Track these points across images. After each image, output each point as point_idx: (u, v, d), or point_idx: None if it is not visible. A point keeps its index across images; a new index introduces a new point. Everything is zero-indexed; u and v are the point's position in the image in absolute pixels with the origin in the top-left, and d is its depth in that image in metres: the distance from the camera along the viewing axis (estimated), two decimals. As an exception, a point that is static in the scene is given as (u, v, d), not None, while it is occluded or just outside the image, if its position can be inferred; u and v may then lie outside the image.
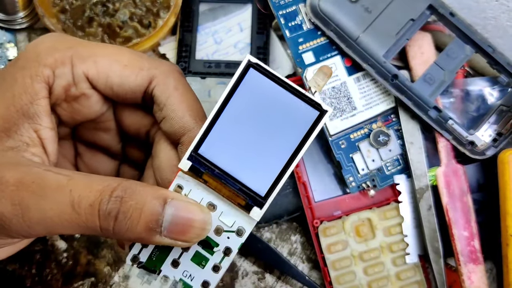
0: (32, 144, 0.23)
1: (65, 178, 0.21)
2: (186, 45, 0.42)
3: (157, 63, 0.26)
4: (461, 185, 0.37)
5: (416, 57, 0.38)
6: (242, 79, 0.22)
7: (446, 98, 0.39)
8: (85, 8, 0.42)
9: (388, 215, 0.39)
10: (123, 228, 0.21)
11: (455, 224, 0.36)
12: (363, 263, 0.39)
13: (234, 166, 0.23)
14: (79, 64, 0.24)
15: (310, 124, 0.22)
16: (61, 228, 0.21)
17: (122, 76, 0.25)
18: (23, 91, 0.23)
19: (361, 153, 0.39)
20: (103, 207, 0.20)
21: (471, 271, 0.36)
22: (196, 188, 0.23)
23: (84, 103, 0.26)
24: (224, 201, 0.23)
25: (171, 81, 0.25)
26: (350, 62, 0.39)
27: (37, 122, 0.23)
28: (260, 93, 0.22)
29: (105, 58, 0.25)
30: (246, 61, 0.22)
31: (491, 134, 0.38)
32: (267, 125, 0.22)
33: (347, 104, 0.38)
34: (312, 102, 0.22)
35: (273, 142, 0.22)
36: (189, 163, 0.22)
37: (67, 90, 0.25)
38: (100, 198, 0.20)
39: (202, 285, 0.24)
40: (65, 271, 0.41)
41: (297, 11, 0.39)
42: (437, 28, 0.39)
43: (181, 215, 0.21)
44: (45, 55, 0.24)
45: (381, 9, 0.37)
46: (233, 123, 0.22)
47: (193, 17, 0.43)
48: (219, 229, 0.23)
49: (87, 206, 0.20)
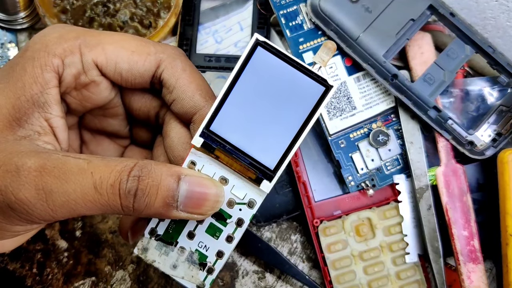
0: (43, 132, 0.24)
1: (84, 161, 0.22)
2: (187, 39, 0.42)
3: (163, 47, 0.26)
4: (461, 185, 0.37)
5: (416, 57, 0.38)
6: (250, 57, 0.23)
7: (446, 98, 0.39)
8: (86, 8, 0.42)
9: (388, 214, 0.39)
10: (142, 205, 0.22)
11: (455, 223, 0.36)
12: (363, 263, 0.39)
13: (244, 141, 0.24)
14: (87, 52, 0.25)
15: (317, 99, 0.23)
16: (85, 209, 0.22)
17: (130, 62, 0.25)
18: (33, 81, 0.24)
19: (360, 153, 0.39)
20: (123, 186, 0.21)
21: (471, 271, 0.36)
22: (209, 164, 0.24)
23: (93, 90, 0.26)
24: (235, 175, 0.24)
25: (179, 64, 0.26)
26: (350, 61, 0.39)
27: (48, 111, 0.24)
28: (268, 70, 0.23)
29: (113, 45, 0.25)
30: (254, 40, 0.23)
31: (490, 134, 0.38)
32: (275, 101, 0.23)
33: (347, 103, 0.39)
34: (318, 78, 0.23)
35: (281, 117, 0.23)
36: (201, 140, 0.24)
37: (77, 78, 0.25)
38: (120, 178, 0.21)
39: (217, 254, 0.25)
40: (66, 270, 0.41)
41: (298, 11, 0.39)
42: (437, 28, 0.39)
43: (195, 189, 0.23)
44: (53, 45, 0.24)
45: (381, 9, 0.37)
46: (242, 100, 0.23)
47: (194, 12, 0.43)
48: (232, 201, 0.25)
49: (108, 186, 0.21)
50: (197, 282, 0.25)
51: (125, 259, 0.41)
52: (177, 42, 0.42)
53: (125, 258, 0.41)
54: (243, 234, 0.25)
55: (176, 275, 0.25)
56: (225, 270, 0.41)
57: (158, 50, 0.26)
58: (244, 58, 0.23)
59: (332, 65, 0.39)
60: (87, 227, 0.42)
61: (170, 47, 0.27)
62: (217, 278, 0.41)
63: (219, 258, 0.25)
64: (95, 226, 0.42)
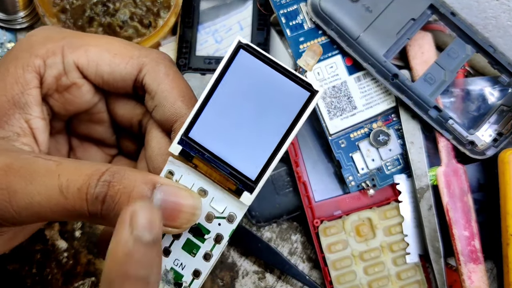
0: (22, 134, 0.23)
1: (54, 163, 0.21)
2: (187, 41, 0.42)
3: (147, 51, 0.26)
4: (462, 185, 0.37)
5: (417, 57, 0.38)
6: (232, 61, 0.22)
7: (447, 97, 0.39)
8: (86, 8, 0.42)
9: (389, 214, 0.39)
10: (111, 213, 0.20)
11: (456, 223, 0.36)
12: (363, 263, 0.39)
13: (225, 149, 0.22)
14: (69, 54, 0.24)
15: (301, 105, 0.22)
16: (50, 213, 0.20)
17: (112, 65, 0.25)
18: (15, 81, 0.23)
19: (361, 153, 0.39)
20: (90, 191, 0.20)
21: (472, 271, 0.36)
22: (187, 174, 0.23)
23: (75, 93, 0.26)
24: (215, 187, 0.23)
25: (162, 68, 0.25)
26: (351, 61, 0.39)
27: (28, 112, 0.24)
28: (251, 74, 0.22)
29: (96, 47, 0.25)
30: (236, 42, 0.22)
31: (491, 134, 0.38)
32: (258, 107, 0.22)
33: (347, 103, 0.38)
34: (303, 83, 0.22)
35: (264, 124, 0.22)
36: (179, 147, 0.22)
37: (58, 80, 0.25)
38: (88, 182, 0.20)
39: (193, 274, 0.24)
40: (65, 270, 0.41)
41: (298, 10, 0.39)
42: (437, 27, 0.39)
43: (171, 200, 0.21)
44: (37, 45, 0.24)
45: (381, 8, 0.37)
46: (223, 105, 0.22)
47: (193, 13, 0.43)
48: (210, 215, 0.23)
49: (75, 190, 0.20)
50: None
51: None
52: (176, 43, 0.42)
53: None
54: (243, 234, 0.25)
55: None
56: (225, 270, 0.41)
57: (142, 54, 0.25)
58: (226, 61, 0.22)
59: (332, 65, 0.39)
60: (87, 227, 0.42)
61: (155, 51, 0.26)
62: (217, 278, 0.41)
63: (195, 277, 0.23)
64: (95, 227, 0.42)
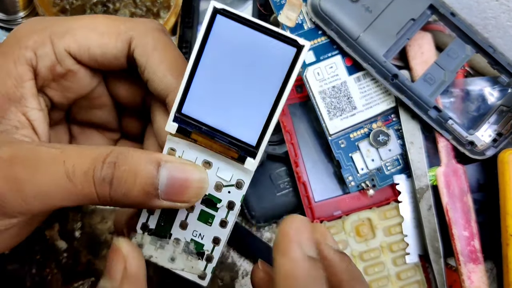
0: (21, 126, 0.23)
1: (57, 150, 0.21)
2: (186, 41, 0.42)
3: (134, 23, 0.25)
4: (461, 185, 0.37)
5: (417, 57, 0.38)
6: (210, 28, 0.21)
7: (446, 98, 0.39)
8: (86, 8, 0.42)
9: (388, 215, 0.39)
10: (120, 193, 0.20)
11: (455, 224, 0.36)
12: (363, 263, 0.39)
13: (221, 120, 0.22)
14: (58, 42, 0.24)
15: (289, 62, 0.21)
16: (59, 200, 0.21)
17: (101, 46, 0.24)
18: (7, 76, 0.23)
19: (360, 153, 0.39)
20: (97, 174, 0.20)
21: (471, 271, 0.36)
22: (189, 149, 0.23)
23: (72, 80, 0.25)
24: (218, 157, 0.23)
25: (149, 41, 0.25)
26: (351, 61, 0.39)
27: (24, 104, 0.23)
28: (233, 39, 0.21)
29: (82, 30, 0.24)
30: (211, 8, 0.20)
31: (491, 134, 0.38)
32: (246, 71, 0.21)
33: (347, 103, 0.38)
34: (287, 39, 0.21)
35: (255, 88, 0.22)
36: (175, 125, 0.22)
37: (52, 70, 0.24)
38: (94, 165, 0.20)
39: (213, 241, 0.24)
40: (65, 270, 0.41)
41: (298, 11, 0.39)
42: (437, 28, 0.39)
43: (177, 176, 0.21)
44: (24, 38, 0.24)
45: (381, 8, 0.37)
46: (211, 75, 0.21)
47: (193, 13, 0.43)
48: (219, 185, 0.23)
49: (81, 174, 0.20)
50: (198, 272, 0.24)
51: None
52: (176, 43, 0.42)
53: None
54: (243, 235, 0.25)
55: (176, 267, 0.24)
56: (225, 271, 0.41)
57: (129, 27, 0.25)
58: (205, 30, 0.21)
59: (332, 65, 0.39)
60: (87, 227, 0.42)
61: (142, 21, 0.25)
62: (217, 279, 0.41)
63: (216, 244, 0.24)
64: (95, 227, 0.42)
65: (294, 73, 0.21)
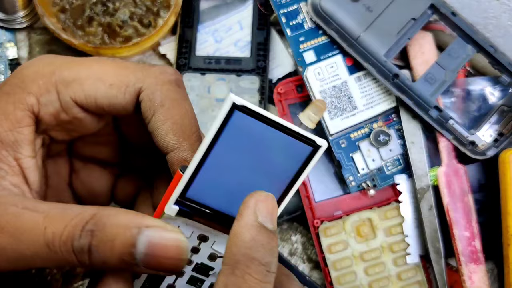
0: (11, 172, 0.23)
1: (40, 216, 0.21)
2: (187, 41, 0.42)
3: (145, 74, 0.24)
4: (462, 185, 0.37)
5: (417, 57, 0.38)
6: (227, 122, 0.20)
7: (447, 97, 0.39)
8: (85, 8, 0.42)
9: (389, 215, 0.39)
10: (99, 262, 0.20)
11: (456, 224, 0.36)
12: (364, 263, 0.39)
13: (226, 204, 0.21)
14: (64, 90, 0.23)
15: (304, 159, 0.21)
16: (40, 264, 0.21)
17: (109, 97, 0.24)
18: (4, 117, 0.23)
19: (361, 153, 0.39)
20: (75, 243, 0.20)
21: (472, 271, 0.36)
22: (185, 225, 0.22)
23: (78, 124, 0.25)
24: (215, 232, 0.22)
25: (157, 96, 0.24)
26: (351, 61, 0.39)
27: (18, 150, 0.23)
28: (249, 133, 0.20)
29: (90, 79, 0.24)
30: (230, 103, 0.19)
31: (492, 134, 0.37)
32: (259, 163, 0.21)
33: (348, 103, 0.38)
34: (305, 139, 0.21)
35: (265, 179, 0.21)
36: (176, 208, 0.21)
37: (56, 117, 0.24)
38: (73, 234, 0.20)
39: None
40: (65, 271, 0.41)
41: (298, 10, 0.39)
42: (438, 27, 0.39)
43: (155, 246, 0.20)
44: (29, 81, 0.23)
45: (382, 8, 0.37)
46: (221, 164, 0.21)
47: (193, 13, 0.42)
48: (213, 255, 0.23)
49: (61, 243, 0.20)
50: None
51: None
52: (176, 43, 0.42)
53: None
54: None
55: None
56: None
57: (139, 79, 0.24)
58: (220, 123, 0.20)
59: (332, 65, 0.39)
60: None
61: (153, 73, 0.24)
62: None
63: None
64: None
65: (307, 170, 0.21)
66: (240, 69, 0.41)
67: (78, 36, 0.41)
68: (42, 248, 0.20)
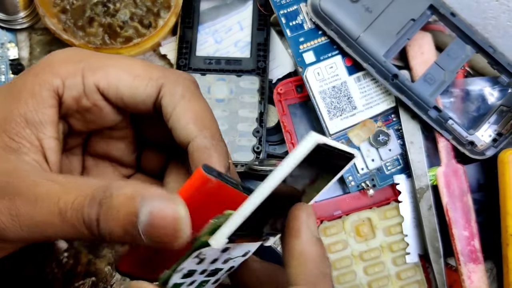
0: (33, 150, 0.23)
1: (57, 186, 0.21)
2: (187, 42, 0.42)
3: (167, 72, 0.25)
4: (461, 185, 0.37)
5: (417, 57, 0.38)
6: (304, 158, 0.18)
7: (447, 98, 0.39)
8: (86, 8, 0.42)
9: (388, 214, 0.39)
10: (106, 232, 0.20)
11: (455, 223, 0.36)
12: (363, 263, 0.39)
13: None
14: (90, 76, 0.24)
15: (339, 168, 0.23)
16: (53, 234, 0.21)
17: (131, 87, 0.25)
18: (30, 96, 0.23)
19: (360, 153, 0.39)
20: (85, 213, 0.20)
21: (471, 271, 0.36)
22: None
23: (97, 114, 0.25)
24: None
25: (179, 90, 0.25)
26: (351, 61, 0.39)
27: (41, 130, 0.23)
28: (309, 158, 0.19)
29: (116, 69, 0.25)
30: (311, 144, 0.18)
31: (491, 134, 0.38)
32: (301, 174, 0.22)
33: (347, 103, 0.39)
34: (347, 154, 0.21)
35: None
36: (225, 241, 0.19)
37: (78, 101, 0.25)
38: (83, 204, 0.20)
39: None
40: (65, 270, 0.41)
41: (298, 11, 0.39)
42: (437, 28, 0.39)
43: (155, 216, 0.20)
44: (57, 65, 0.24)
45: (381, 8, 0.37)
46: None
47: (193, 14, 0.43)
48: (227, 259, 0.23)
49: (73, 213, 0.20)
50: None
51: (125, 259, 0.41)
52: (176, 44, 0.42)
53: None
54: None
55: None
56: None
57: (161, 75, 0.25)
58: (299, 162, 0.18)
59: (332, 65, 0.39)
60: (87, 227, 0.42)
61: (175, 72, 0.26)
62: (217, 279, 0.41)
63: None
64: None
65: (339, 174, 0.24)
66: (240, 70, 0.41)
67: (79, 37, 0.41)
68: (55, 217, 0.20)
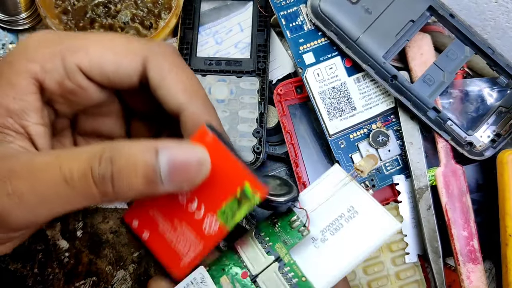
0: (19, 138, 0.23)
1: (52, 157, 0.21)
2: (187, 43, 0.42)
3: (150, 45, 0.25)
4: (460, 185, 0.37)
5: (416, 58, 0.39)
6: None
7: (446, 98, 0.39)
8: (87, 9, 0.42)
9: (388, 215, 0.39)
10: (123, 187, 0.20)
11: (454, 224, 0.37)
12: (362, 263, 0.39)
13: None
14: (69, 57, 0.24)
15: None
16: (61, 205, 0.21)
17: (115, 64, 0.24)
18: (8, 86, 0.23)
19: (360, 153, 0.39)
20: (95, 173, 0.20)
21: (470, 271, 0.36)
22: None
23: (81, 94, 0.25)
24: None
25: (165, 63, 0.25)
26: (350, 62, 0.39)
27: (24, 118, 0.23)
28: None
29: (96, 47, 0.24)
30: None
31: (489, 135, 0.38)
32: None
33: (347, 104, 0.39)
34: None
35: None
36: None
37: (61, 85, 0.24)
38: (91, 165, 0.20)
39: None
40: (67, 270, 0.41)
41: (298, 12, 0.39)
42: (436, 29, 0.40)
43: (177, 159, 0.21)
44: (33, 50, 0.24)
45: (381, 10, 0.37)
46: None
47: (194, 15, 0.43)
48: None
49: (79, 176, 0.20)
50: None
51: (126, 259, 0.41)
52: (177, 45, 0.42)
53: (126, 258, 0.42)
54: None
55: None
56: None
57: (145, 48, 0.25)
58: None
59: (332, 66, 0.39)
60: (88, 227, 0.42)
61: (157, 44, 0.26)
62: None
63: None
64: (96, 226, 0.42)
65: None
66: (241, 70, 0.41)
67: (80, 38, 0.41)
68: (61, 186, 0.20)
